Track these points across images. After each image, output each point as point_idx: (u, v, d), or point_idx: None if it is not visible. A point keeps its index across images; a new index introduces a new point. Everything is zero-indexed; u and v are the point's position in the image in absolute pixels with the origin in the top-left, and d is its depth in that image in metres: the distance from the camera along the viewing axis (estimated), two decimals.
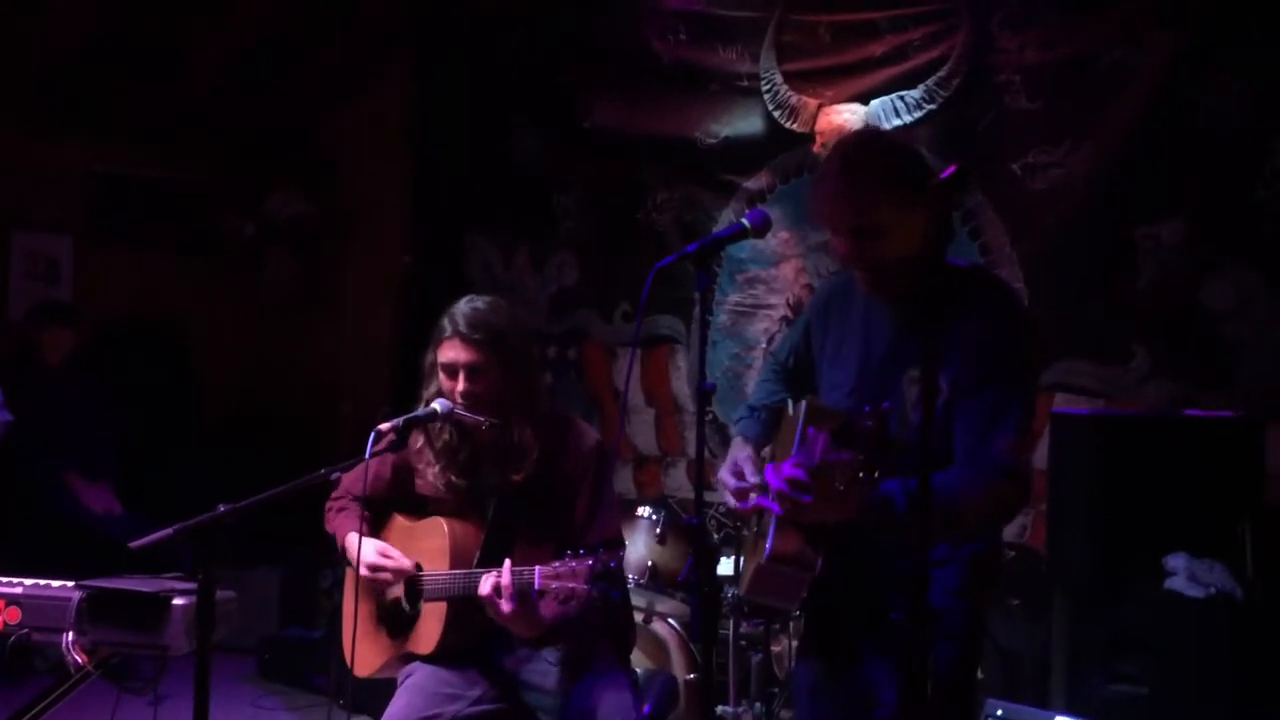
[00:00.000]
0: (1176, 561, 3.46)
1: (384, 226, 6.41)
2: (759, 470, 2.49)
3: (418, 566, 2.97)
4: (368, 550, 2.94)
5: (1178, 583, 3.42)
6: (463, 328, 2.88)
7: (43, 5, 5.26)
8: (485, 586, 2.72)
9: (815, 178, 2.56)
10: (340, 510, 3.11)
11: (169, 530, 2.32)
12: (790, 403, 2.62)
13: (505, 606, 2.70)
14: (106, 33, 5.51)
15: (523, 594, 2.69)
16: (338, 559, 3.09)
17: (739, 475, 2.50)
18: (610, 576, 2.55)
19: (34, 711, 2.76)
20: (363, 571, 2.93)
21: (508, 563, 2.73)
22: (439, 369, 2.93)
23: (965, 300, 2.35)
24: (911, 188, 2.31)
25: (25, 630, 2.62)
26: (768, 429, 2.70)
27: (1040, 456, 4.04)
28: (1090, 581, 3.59)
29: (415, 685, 2.88)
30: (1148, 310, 4.23)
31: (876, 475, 2.17)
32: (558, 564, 2.60)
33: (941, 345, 2.28)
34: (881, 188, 2.31)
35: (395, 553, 2.94)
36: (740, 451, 2.59)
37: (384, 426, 2.73)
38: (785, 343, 2.79)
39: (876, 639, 2.43)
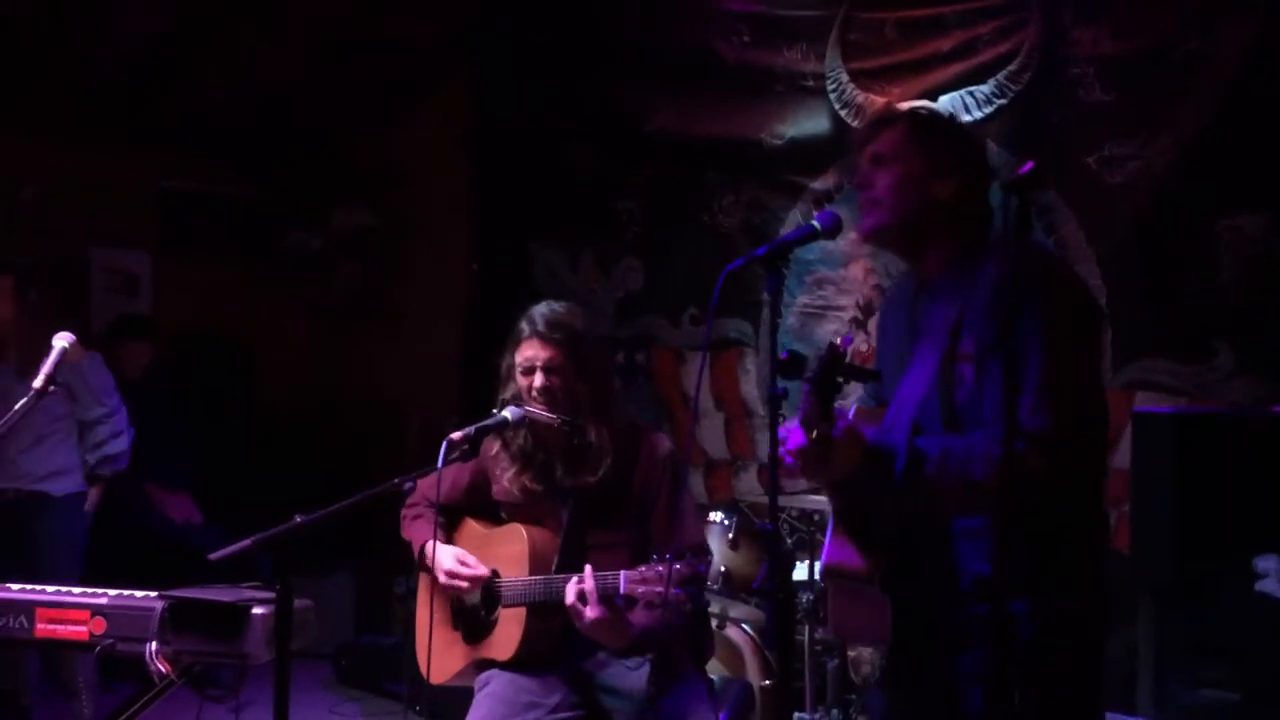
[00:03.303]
0: (1267, 563, 3.37)
1: (448, 236, 6.45)
2: None
3: (495, 573, 2.97)
4: (445, 557, 2.96)
5: (1269, 585, 3.33)
6: (541, 327, 2.92)
7: (111, 29, 5.36)
8: (570, 594, 2.71)
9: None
10: (416, 518, 3.14)
11: (248, 541, 2.35)
12: None
13: (590, 613, 2.68)
14: (176, 53, 5.62)
15: (608, 600, 2.67)
16: (415, 564, 3.12)
17: None
18: (697, 581, 2.53)
19: (120, 719, 2.81)
20: (441, 579, 2.95)
21: (589, 568, 2.72)
22: (516, 370, 2.95)
23: (986, 265, 2.23)
24: (927, 129, 2.34)
25: (110, 640, 2.67)
26: None
27: (1123, 456, 3.95)
28: (1176, 584, 3.50)
29: (494, 693, 2.89)
30: (1230, 305, 4.11)
31: (832, 408, 2.05)
32: (644, 568, 2.59)
33: (965, 313, 2.20)
34: (910, 127, 2.34)
35: (472, 560, 2.96)
36: None
37: (456, 436, 2.74)
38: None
39: (956, 664, 2.20)
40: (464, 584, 2.95)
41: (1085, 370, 2.22)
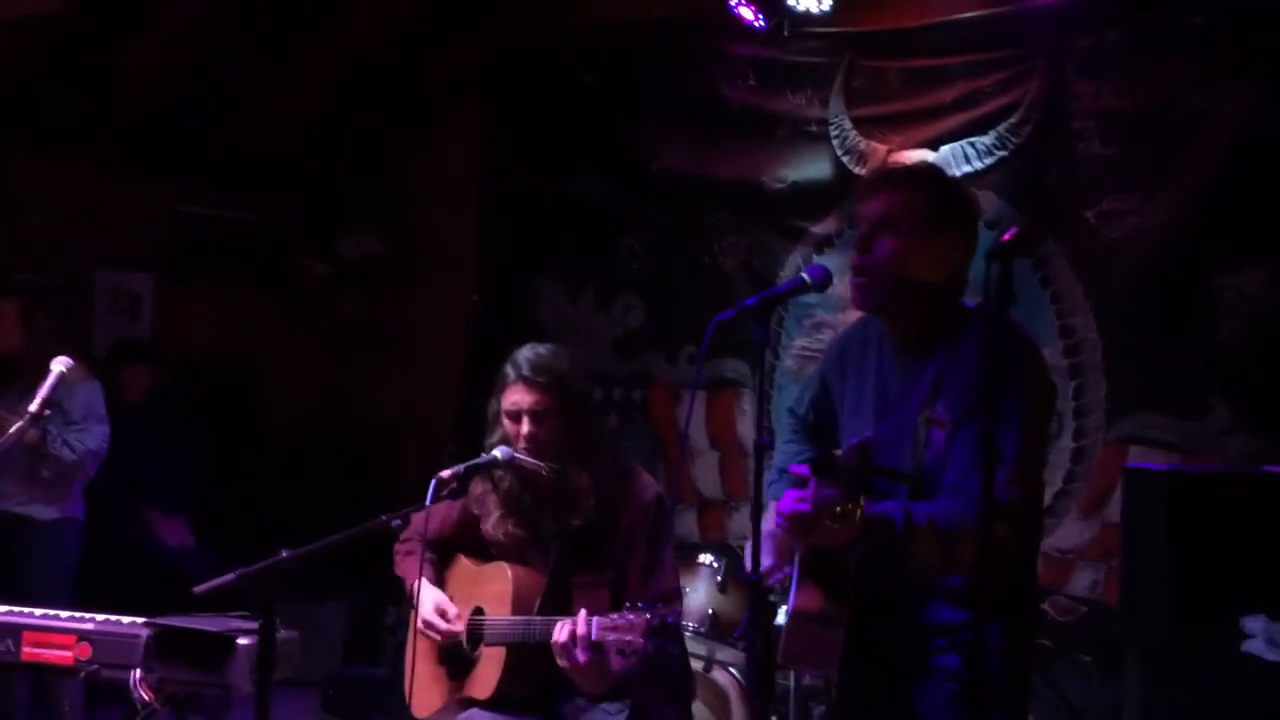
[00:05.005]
0: (1255, 624, 3.35)
1: (453, 267, 6.48)
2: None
3: (479, 610, 2.98)
4: (426, 604, 2.97)
5: (1256, 645, 3.32)
6: (526, 372, 2.92)
7: (123, 52, 5.42)
8: (562, 634, 2.71)
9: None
10: (408, 554, 3.16)
11: (231, 575, 2.36)
12: None
13: (580, 656, 2.68)
14: (186, 77, 5.67)
15: (596, 644, 2.68)
16: (407, 601, 3.13)
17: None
18: (667, 632, 2.54)
19: None
20: (419, 624, 2.96)
21: (583, 612, 2.71)
22: (503, 415, 2.96)
23: (964, 332, 2.36)
24: (944, 208, 2.38)
25: (95, 666, 2.67)
26: None
27: (1114, 510, 3.95)
28: (1165, 642, 3.48)
29: None
30: (1228, 362, 4.12)
31: (860, 506, 2.22)
32: (616, 616, 2.59)
33: (941, 378, 2.31)
34: (914, 192, 2.38)
35: (452, 612, 2.97)
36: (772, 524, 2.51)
37: (445, 474, 2.76)
38: (803, 398, 2.73)
39: (917, 700, 2.33)
40: (437, 636, 2.97)
41: (1042, 455, 2.47)
